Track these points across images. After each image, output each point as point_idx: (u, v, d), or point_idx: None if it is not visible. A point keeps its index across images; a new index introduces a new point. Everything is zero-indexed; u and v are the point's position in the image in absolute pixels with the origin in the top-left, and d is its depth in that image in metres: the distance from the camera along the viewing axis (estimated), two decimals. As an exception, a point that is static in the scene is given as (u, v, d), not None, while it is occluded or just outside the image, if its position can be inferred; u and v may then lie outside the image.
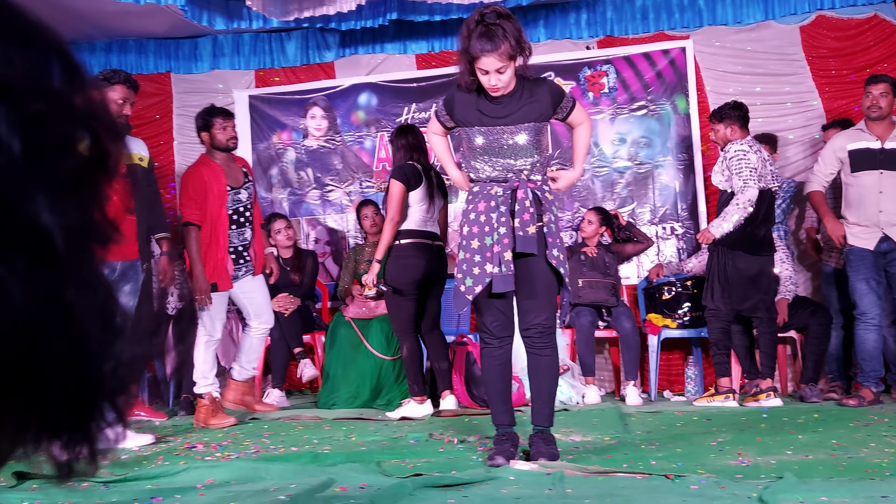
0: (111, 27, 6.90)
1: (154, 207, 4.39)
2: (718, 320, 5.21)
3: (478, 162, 3.34)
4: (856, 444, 3.44)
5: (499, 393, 3.40)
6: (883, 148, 4.93)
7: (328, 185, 7.03)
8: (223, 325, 5.05)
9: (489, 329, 3.34)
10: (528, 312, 3.32)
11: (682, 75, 6.54)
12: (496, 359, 3.37)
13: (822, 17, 6.42)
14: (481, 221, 3.28)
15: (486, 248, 3.25)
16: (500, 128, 3.27)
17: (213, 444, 3.96)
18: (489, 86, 3.20)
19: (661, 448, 3.51)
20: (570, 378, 5.47)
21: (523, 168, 3.29)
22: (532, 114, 3.28)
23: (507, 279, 3.21)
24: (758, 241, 5.14)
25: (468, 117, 3.33)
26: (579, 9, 6.69)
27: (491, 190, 3.29)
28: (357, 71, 7.12)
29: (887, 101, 4.93)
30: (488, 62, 3.14)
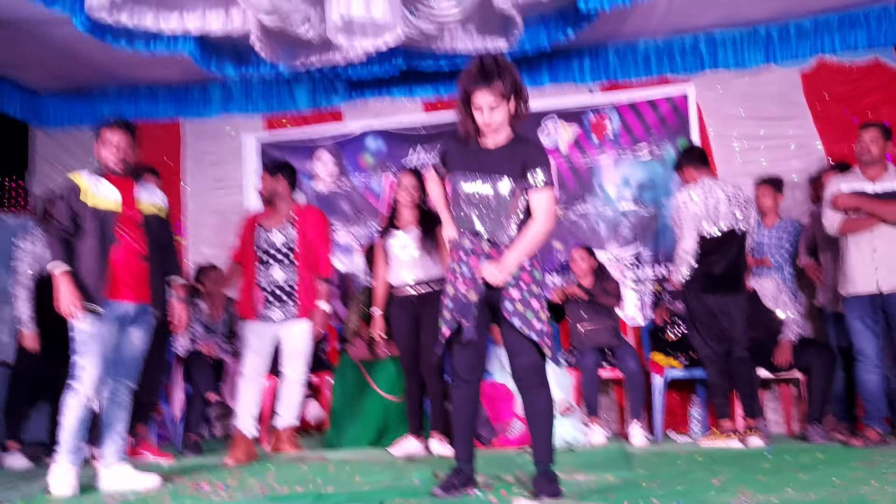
0: (123, 75, 7.05)
1: (170, 254, 4.50)
2: (712, 363, 5.24)
3: (457, 210, 3.50)
4: (856, 482, 3.44)
5: (463, 430, 3.56)
6: (876, 191, 5.01)
7: (336, 228, 7.10)
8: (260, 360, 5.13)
9: (457, 371, 3.52)
10: (513, 355, 3.45)
11: (684, 119, 6.64)
12: (464, 397, 3.53)
13: (823, 62, 6.51)
14: (455, 271, 3.47)
15: (459, 295, 3.43)
16: (481, 175, 3.43)
17: (219, 485, 3.98)
18: (482, 122, 3.36)
19: (663, 486, 3.51)
20: (575, 419, 5.47)
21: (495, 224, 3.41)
22: (513, 170, 3.40)
23: (469, 329, 3.39)
24: (715, 279, 5.22)
25: (455, 164, 3.50)
26: (582, 54, 6.81)
27: (463, 242, 3.48)
28: (365, 115, 7.24)
29: (878, 147, 5.02)
30: (481, 96, 3.31)
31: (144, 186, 4.36)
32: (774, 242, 6.03)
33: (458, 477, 3.49)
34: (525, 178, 3.41)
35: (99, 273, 4.06)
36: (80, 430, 4.03)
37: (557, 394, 5.42)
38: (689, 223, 5.21)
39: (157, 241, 4.30)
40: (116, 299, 4.09)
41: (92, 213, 4.10)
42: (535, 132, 6.85)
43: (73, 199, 4.11)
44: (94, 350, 4.01)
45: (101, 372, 4.04)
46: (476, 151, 3.47)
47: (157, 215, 4.33)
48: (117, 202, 4.15)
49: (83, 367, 4.00)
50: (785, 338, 5.55)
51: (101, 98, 7.37)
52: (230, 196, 7.36)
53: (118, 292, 4.10)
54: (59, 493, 3.90)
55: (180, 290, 4.46)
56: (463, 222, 3.49)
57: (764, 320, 5.64)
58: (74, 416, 4.00)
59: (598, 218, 6.72)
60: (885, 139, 5.04)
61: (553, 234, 6.72)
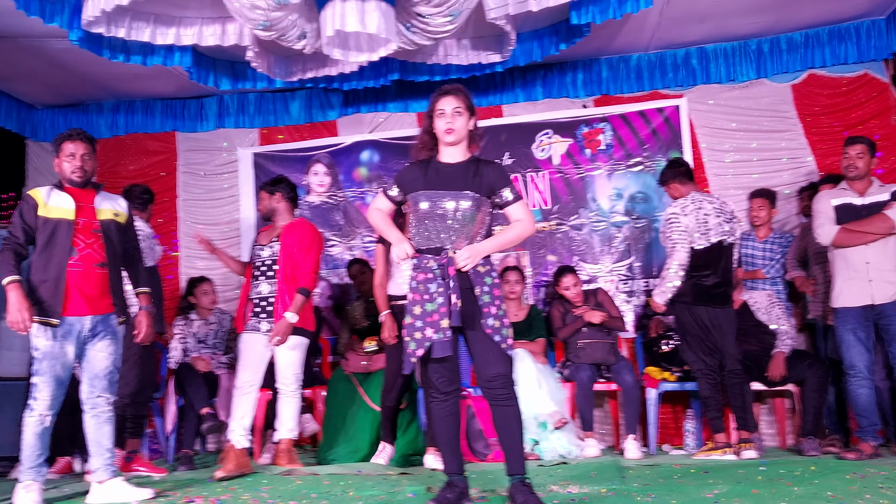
0: (119, 89, 7.08)
1: (134, 264, 4.48)
2: (705, 376, 5.25)
3: (420, 230, 3.55)
4: (851, 496, 3.45)
5: (447, 443, 3.57)
6: (864, 203, 5.05)
7: (330, 241, 7.11)
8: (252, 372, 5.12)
9: (435, 384, 3.53)
10: (482, 367, 3.48)
11: (676, 132, 6.68)
12: (444, 411, 3.55)
13: (814, 76, 6.57)
14: (420, 290, 3.49)
15: (427, 314, 3.45)
16: (443, 192, 3.50)
17: (212, 500, 3.97)
18: (445, 126, 3.53)
19: (658, 500, 3.52)
20: (569, 432, 5.47)
21: (457, 239, 3.48)
22: (474, 186, 3.51)
23: (444, 345, 3.42)
24: (706, 292, 5.25)
25: (415, 185, 3.58)
26: (576, 69, 6.86)
27: (427, 263, 3.50)
28: (359, 129, 7.27)
29: (864, 162, 5.07)
30: (446, 101, 3.56)
31: (105, 195, 4.33)
32: (767, 255, 6.06)
33: (451, 491, 3.50)
34: (494, 198, 3.56)
35: (54, 286, 4.03)
36: (40, 447, 4.01)
37: (551, 407, 5.45)
38: (681, 237, 5.22)
39: (117, 247, 4.27)
40: (73, 315, 4.07)
41: (44, 224, 4.07)
42: (529, 146, 6.88)
43: (27, 213, 4.09)
44: (48, 368, 4.00)
45: (55, 390, 4.02)
46: (436, 169, 3.59)
47: (114, 221, 4.28)
48: (70, 210, 4.12)
49: (37, 385, 4.00)
50: (778, 351, 5.56)
51: (98, 112, 7.40)
52: (224, 209, 7.37)
53: (74, 308, 4.07)
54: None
55: (143, 299, 4.46)
56: (426, 240, 3.53)
57: (757, 333, 5.66)
58: (31, 434, 3.99)
59: (591, 231, 6.74)
60: (870, 154, 5.10)
61: (547, 247, 6.76)
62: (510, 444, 3.46)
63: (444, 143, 3.59)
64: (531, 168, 6.87)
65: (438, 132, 3.58)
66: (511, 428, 3.46)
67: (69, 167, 4.19)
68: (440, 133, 3.57)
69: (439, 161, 3.62)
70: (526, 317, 6.04)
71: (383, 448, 5.30)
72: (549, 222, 6.79)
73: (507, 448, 3.47)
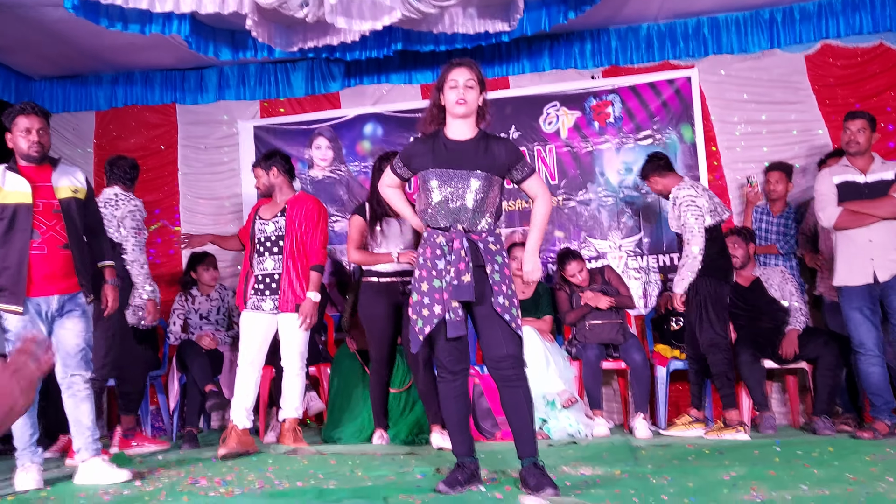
0: (118, 60, 6.93)
1: (97, 236, 4.38)
2: (721, 351, 5.14)
3: (430, 208, 3.48)
4: (873, 478, 3.36)
5: (457, 424, 3.52)
6: (867, 181, 4.95)
7: (333, 216, 6.99)
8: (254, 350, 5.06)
9: (444, 364, 3.47)
10: (491, 347, 3.42)
11: (687, 104, 6.53)
12: (453, 390, 3.49)
13: (828, 46, 6.42)
14: (429, 266, 3.44)
15: (435, 291, 3.40)
16: (452, 171, 3.44)
17: (216, 480, 3.90)
18: (457, 97, 3.45)
19: (673, 483, 3.44)
20: (578, 411, 5.39)
21: (468, 217, 3.44)
22: (485, 164, 3.45)
23: (457, 325, 3.37)
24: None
25: (424, 163, 3.50)
26: (584, 39, 6.70)
27: (436, 238, 3.45)
28: (362, 101, 7.13)
29: (865, 137, 4.98)
30: (459, 72, 3.48)
31: (62, 169, 4.21)
32: (782, 230, 5.97)
33: (462, 472, 3.44)
34: (510, 174, 3.53)
35: (16, 272, 3.93)
36: (29, 426, 4.00)
37: (559, 386, 5.36)
38: (699, 220, 5.12)
39: (79, 225, 4.17)
40: (37, 296, 3.99)
41: (2, 211, 3.97)
42: (536, 119, 6.73)
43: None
44: None
45: None
46: (444, 145, 3.51)
47: (74, 198, 4.17)
48: (27, 193, 4.00)
49: None
50: (792, 328, 5.47)
51: (96, 83, 7.26)
52: (225, 182, 7.25)
53: (38, 288, 3.99)
54: (23, 488, 3.89)
55: (108, 273, 4.38)
56: (435, 218, 3.47)
57: (770, 310, 5.57)
58: None
59: (600, 206, 6.62)
60: (871, 129, 5.01)
61: (554, 223, 6.64)
62: (520, 425, 3.40)
63: (454, 115, 3.50)
64: (538, 142, 6.74)
65: (449, 104, 3.49)
66: (521, 409, 3.39)
67: (25, 143, 4.06)
68: (451, 105, 3.48)
69: (447, 137, 3.53)
70: (533, 294, 5.94)
71: (381, 436, 5.22)
72: (557, 197, 6.66)
73: (518, 430, 3.40)
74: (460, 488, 3.36)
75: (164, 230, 7.18)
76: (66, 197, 4.13)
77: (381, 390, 5.25)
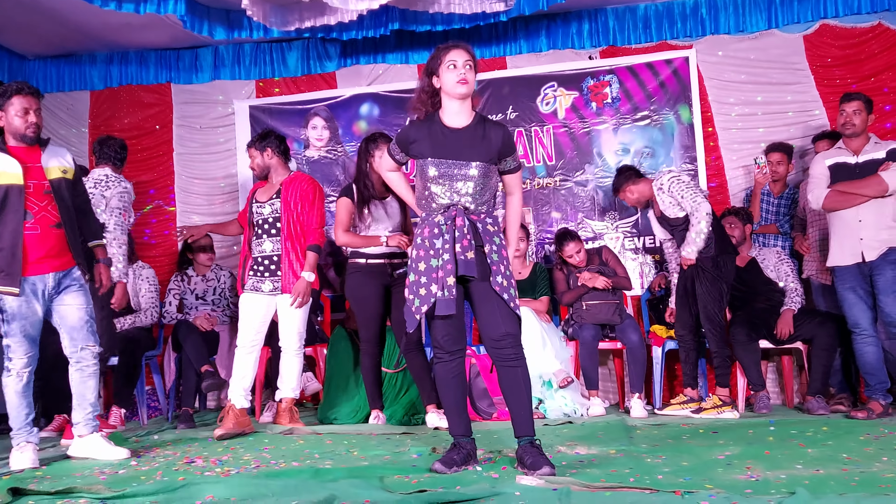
0: (112, 39, 6.89)
1: (86, 215, 4.38)
2: (717, 326, 5.19)
3: (428, 190, 3.48)
4: (868, 458, 3.38)
5: (453, 405, 3.52)
6: (858, 162, 4.94)
7: (330, 196, 6.96)
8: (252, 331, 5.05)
9: (440, 344, 3.47)
10: (489, 326, 3.42)
11: (685, 85, 6.51)
12: (450, 371, 3.49)
13: (826, 26, 6.39)
14: (426, 246, 3.45)
15: (432, 270, 3.41)
16: (451, 161, 3.43)
17: (212, 459, 3.90)
18: (458, 77, 3.42)
19: (668, 462, 3.45)
20: (574, 391, 5.40)
21: (468, 200, 3.44)
22: (483, 153, 3.45)
23: (449, 303, 3.36)
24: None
25: (422, 150, 3.49)
26: (581, 18, 6.67)
27: (435, 218, 3.45)
28: (358, 81, 7.09)
29: (860, 119, 4.96)
30: (457, 53, 3.45)
31: (51, 150, 4.21)
32: (783, 211, 5.96)
33: (458, 452, 3.44)
34: (500, 162, 3.52)
35: (10, 254, 3.94)
36: (24, 406, 4.04)
37: (556, 366, 5.37)
38: (693, 191, 5.20)
39: (69, 205, 4.18)
40: (33, 275, 4.01)
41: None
42: (534, 100, 6.71)
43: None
44: (18, 329, 3.99)
45: (29, 348, 4.04)
46: (442, 132, 3.49)
47: (64, 178, 4.18)
48: (18, 175, 4.00)
49: (10, 346, 4.02)
50: (787, 308, 5.48)
51: (91, 62, 7.22)
52: (221, 163, 7.23)
53: (33, 268, 4.01)
54: (18, 467, 3.90)
55: (100, 252, 4.40)
56: (434, 202, 3.47)
57: (766, 291, 5.58)
58: (12, 392, 4.03)
59: (597, 187, 6.61)
60: (867, 111, 4.99)
61: (551, 204, 6.63)
62: (518, 405, 3.41)
63: (455, 95, 3.46)
64: (535, 122, 6.71)
65: (449, 85, 3.45)
66: (519, 389, 3.40)
67: (23, 123, 4.05)
68: (451, 86, 3.44)
69: (444, 124, 3.51)
70: (530, 274, 5.94)
71: (377, 416, 5.24)
72: (554, 178, 6.65)
73: (515, 409, 3.41)
74: (456, 468, 3.36)
75: (159, 210, 7.16)
76: (57, 177, 4.13)
77: (374, 371, 5.25)
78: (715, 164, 6.48)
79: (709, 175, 6.43)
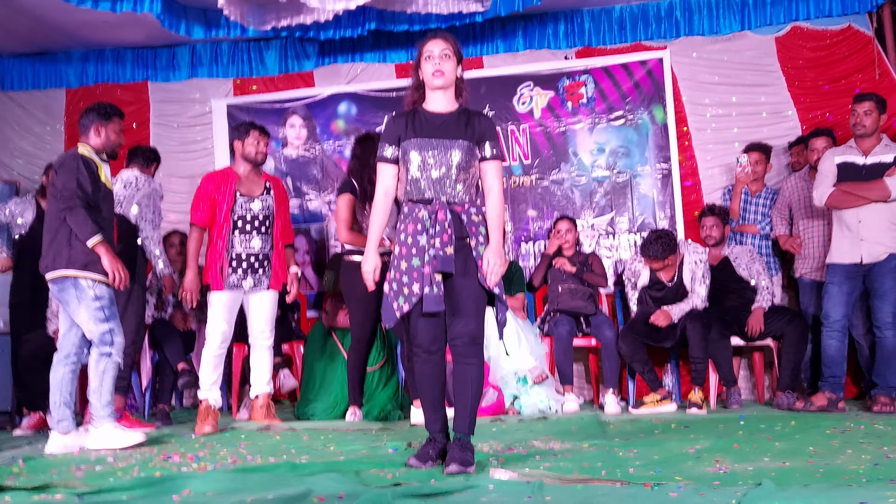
0: (88, 37, 6.86)
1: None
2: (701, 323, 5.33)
3: (412, 182, 3.43)
4: (832, 451, 3.45)
5: (431, 402, 3.50)
6: (866, 163, 5.01)
7: (307, 195, 7.00)
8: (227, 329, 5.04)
9: (420, 343, 3.44)
10: (455, 324, 3.39)
11: (659, 85, 6.59)
12: (429, 369, 3.46)
13: (798, 28, 6.49)
14: (409, 243, 3.38)
15: (413, 269, 3.35)
16: (435, 140, 3.39)
17: (189, 455, 3.91)
18: (433, 69, 3.40)
19: (639, 455, 3.50)
20: (549, 387, 5.46)
21: (450, 187, 3.39)
22: (466, 134, 3.41)
23: (437, 299, 3.32)
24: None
25: (407, 134, 3.44)
26: (557, 19, 6.73)
27: (418, 213, 3.39)
28: (336, 80, 7.12)
29: (871, 119, 5.01)
30: (434, 43, 3.42)
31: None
32: (761, 210, 6.04)
33: (433, 447, 3.46)
34: (480, 148, 3.45)
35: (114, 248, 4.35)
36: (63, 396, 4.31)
37: (531, 362, 5.43)
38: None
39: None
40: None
41: (101, 193, 4.35)
42: (510, 99, 6.77)
43: (90, 175, 4.30)
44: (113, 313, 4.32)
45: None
46: (424, 117, 3.46)
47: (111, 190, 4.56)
48: (111, 182, 4.50)
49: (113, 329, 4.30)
50: (758, 306, 5.57)
51: (66, 61, 7.20)
52: (198, 161, 7.22)
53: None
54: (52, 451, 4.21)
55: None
56: (419, 192, 3.42)
57: (737, 289, 5.66)
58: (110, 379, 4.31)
59: (573, 185, 6.68)
60: (879, 111, 5.03)
61: (527, 202, 6.69)
62: (463, 401, 3.39)
63: (431, 87, 3.44)
64: (512, 121, 6.77)
65: (426, 76, 3.43)
66: (467, 387, 3.38)
67: (116, 140, 4.55)
68: (427, 77, 3.42)
69: (426, 110, 3.48)
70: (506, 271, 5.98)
71: (353, 412, 5.25)
72: (530, 177, 6.71)
73: (459, 405, 3.40)
74: (431, 463, 3.39)
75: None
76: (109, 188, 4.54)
77: (360, 369, 5.26)
78: (689, 164, 6.56)
79: (683, 175, 6.52)
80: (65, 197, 4.20)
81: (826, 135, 5.68)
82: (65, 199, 4.19)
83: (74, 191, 4.20)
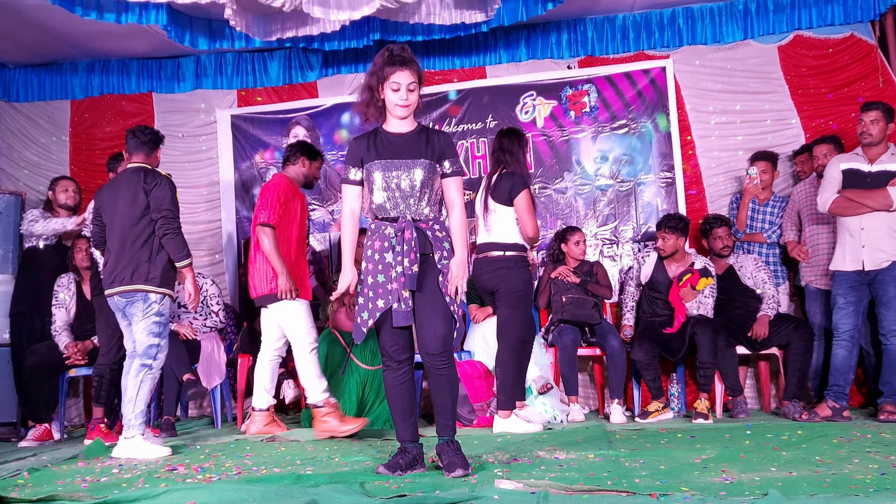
0: (94, 48, 6.89)
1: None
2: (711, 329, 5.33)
3: (377, 202, 3.54)
4: (839, 460, 3.45)
5: (401, 411, 3.59)
6: (871, 171, 5.02)
7: (311, 205, 7.00)
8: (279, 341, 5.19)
9: (389, 353, 3.56)
10: (424, 338, 3.50)
11: (662, 94, 6.59)
12: (397, 379, 3.57)
13: (800, 37, 6.50)
14: (375, 259, 3.51)
15: (379, 285, 3.48)
16: (397, 161, 3.51)
17: (194, 466, 3.92)
18: (400, 100, 3.50)
19: (645, 465, 3.50)
20: (553, 397, 5.45)
21: (414, 205, 3.52)
22: (427, 153, 3.54)
23: (406, 315, 3.45)
24: None
25: (370, 156, 3.56)
26: (560, 29, 6.74)
27: (385, 230, 3.51)
28: (340, 90, 7.13)
29: (878, 128, 5.03)
30: (401, 76, 3.50)
31: None
32: (768, 219, 6.02)
33: (403, 457, 3.54)
34: (441, 165, 3.58)
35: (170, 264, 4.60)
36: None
37: (535, 372, 5.42)
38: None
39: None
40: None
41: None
42: (513, 109, 6.78)
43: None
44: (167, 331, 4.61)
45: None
46: (386, 139, 3.58)
47: None
48: None
49: (161, 347, 4.53)
50: (763, 314, 5.56)
51: (72, 71, 7.22)
52: (203, 171, 7.24)
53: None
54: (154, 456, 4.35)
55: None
56: (384, 212, 3.54)
57: (742, 298, 5.65)
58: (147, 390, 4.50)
59: (576, 194, 6.68)
60: (886, 120, 5.04)
61: (531, 211, 6.68)
62: (442, 406, 3.53)
63: (395, 115, 3.56)
64: (515, 130, 6.77)
65: (390, 105, 3.55)
66: (444, 392, 3.52)
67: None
68: (392, 107, 3.54)
69: (387, 131, 3.60)
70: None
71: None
72: (533, 186, 6.71)
73: (439, 410, 3.54)
74: (401, 472, 3.46)
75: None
76: None
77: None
78: (693, 172, 6.56)
79: (687, 183, 6.51)
80: (168, 219, 4.51)
81: (828, 142, 5.68)
82: (169, 221, 4.50)
83: (176, 214, 4.57)
